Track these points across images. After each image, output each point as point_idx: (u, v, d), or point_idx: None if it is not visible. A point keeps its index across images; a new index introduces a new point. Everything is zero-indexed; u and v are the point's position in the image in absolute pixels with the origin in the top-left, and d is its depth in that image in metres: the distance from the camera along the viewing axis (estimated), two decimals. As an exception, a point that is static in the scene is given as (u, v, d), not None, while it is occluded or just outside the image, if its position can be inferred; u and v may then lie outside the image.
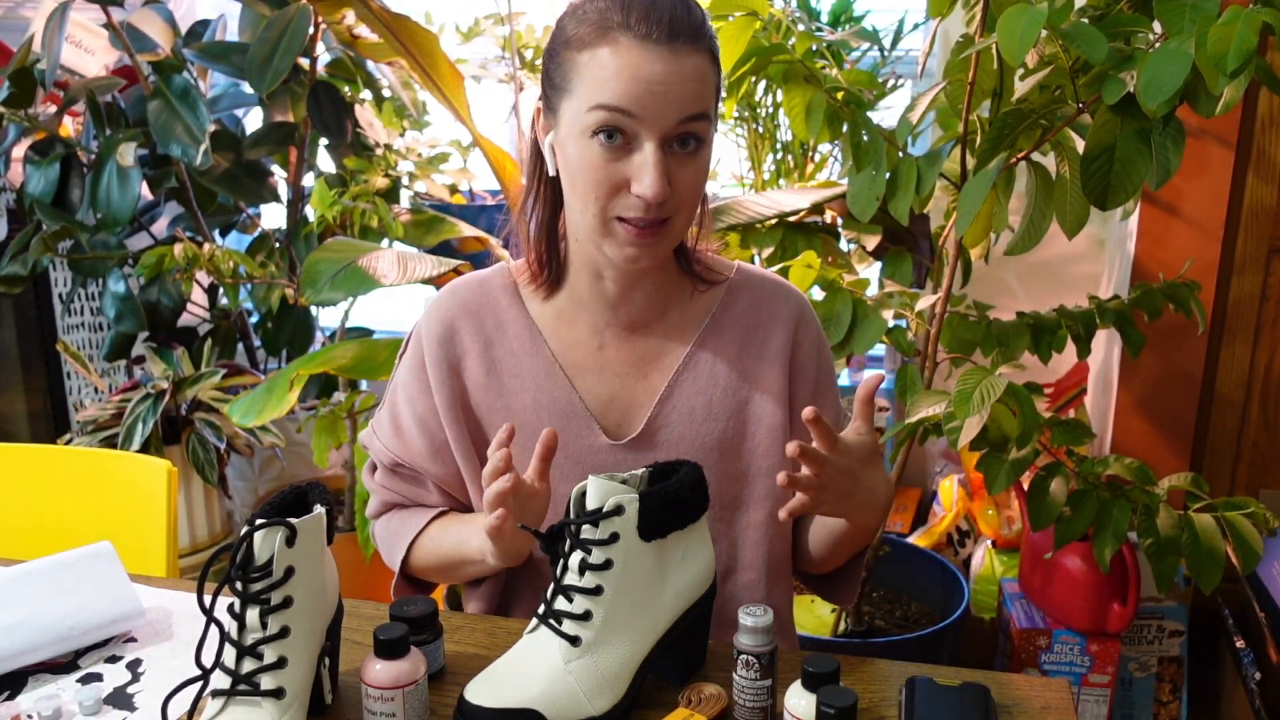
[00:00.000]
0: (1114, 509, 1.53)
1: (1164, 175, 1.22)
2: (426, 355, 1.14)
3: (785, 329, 1.15)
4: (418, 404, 1.15)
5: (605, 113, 0.96)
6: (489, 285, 1.17)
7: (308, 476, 2.61)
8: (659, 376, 1.14)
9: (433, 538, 1.16)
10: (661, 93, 0.95)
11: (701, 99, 0.98)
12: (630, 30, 0.95)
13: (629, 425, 1.14)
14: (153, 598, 1.16)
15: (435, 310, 1.16)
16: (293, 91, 2.38)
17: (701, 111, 0.98)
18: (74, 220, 2.28)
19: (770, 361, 1.14)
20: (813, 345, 1.17)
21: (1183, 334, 2.13)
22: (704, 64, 0.98)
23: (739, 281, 1.17)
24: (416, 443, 1.16)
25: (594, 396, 1.13)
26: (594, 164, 0.98)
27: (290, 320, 2.50)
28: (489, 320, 1.15)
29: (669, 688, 0.97)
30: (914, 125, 1.53)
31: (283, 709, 0.86)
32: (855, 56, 2.24)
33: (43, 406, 2.64)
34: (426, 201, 2.59)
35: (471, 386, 1.14)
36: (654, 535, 0.92)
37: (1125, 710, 2.02)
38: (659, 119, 0.96)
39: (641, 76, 0.95)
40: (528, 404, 1.13)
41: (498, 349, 1.14)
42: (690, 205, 1.02)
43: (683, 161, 0.99)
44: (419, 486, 1.19)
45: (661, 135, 0.97)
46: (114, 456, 1.51)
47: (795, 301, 1.17)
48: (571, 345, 1.14)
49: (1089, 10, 1.31)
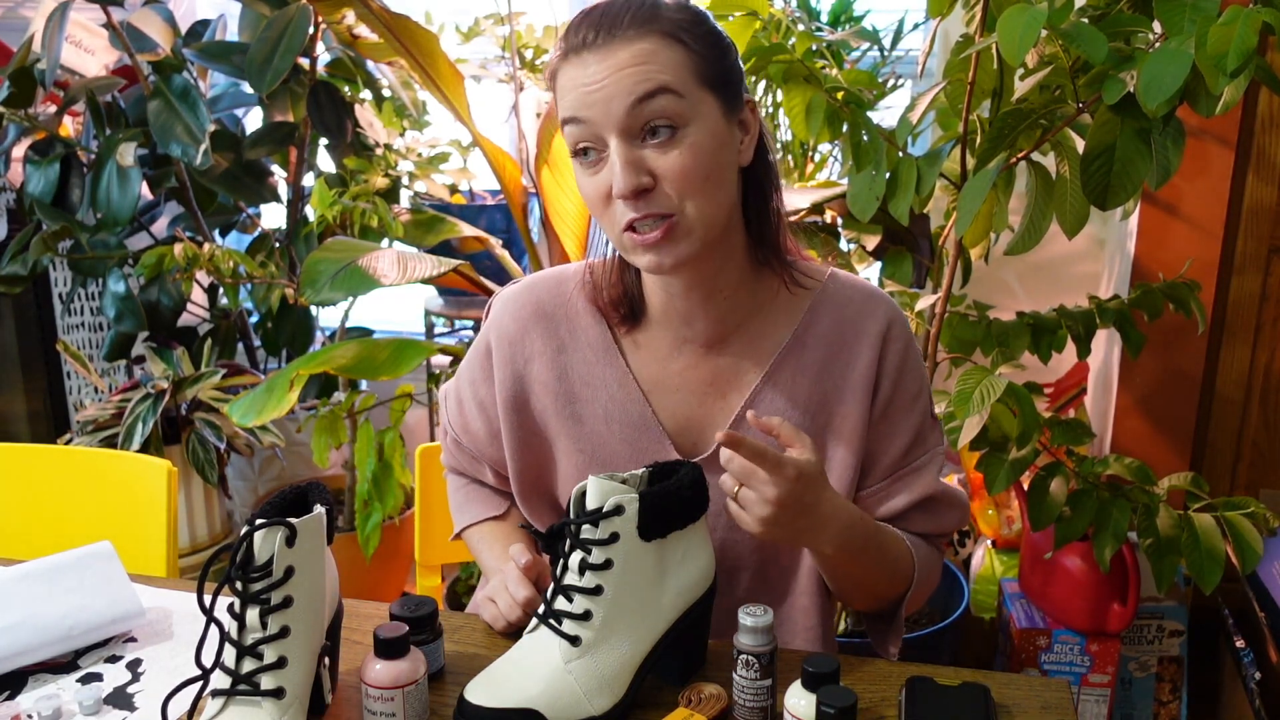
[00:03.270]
0: (1114, 509, 1.53)
1: (1164, 175, 1.22)
2: (494, 351, 1.14)
3: (871, 350, 1.08)
4: (479, 389, 1.17)
5: (569, 127, 0.97)
6: (566, 286, 1.14)
7: (308, 476, 2.61)
8: (736, 396, 1.09)
9: (476, 541, 1.24)
10: (598, 87, 0.94)
11: (651, 76, 0.93)
12: (576, 47, 0.96)
13: (703, 444, 1.11)
14: (153, 598, 1.16)
15: (509, 305, 1.15)
16: (293, 91, 2.38)
17: (655, 88, 0.93)
18: (74, 220, 2.28)
19: (852, 386, 1.08)
20: (895, 361, 1.09)
21: (1183, 334, 2.13)
22: (653, 45, 0.94)
23: (827, 293, 1.10)
24: (475, 424, 1.19)
25: (668, 413, 1.11)
26: (583, 184, 0.99)
27: (290, 320, 2.50)
28: (563, 325, 1.13)
29: (669, 688, 0.97)
30: (914, 125, 1.53)
31: (283, 709, 0.86)
32: (855, 56, 2.24)
33: (43, 406, 2.64)
34: (426, 201, 2.59)
35: (537, 389, 1.13)
36: (654, 535, 0.92)
37: (1125, 710, 2.02)
38: (607, 114, 0.94)
39: (584, 79, 0.95)
40: (598, 414, 1.11)
41: (571, 355, 1.12)
42: (696, 192, 0.96)
43: (660, 149, 0.95)
44: (478, 464, 1.23)
45: (618, 129, 0.94)
46: (114, 456, 1.51)
47: (884, 316, 1.09)
48: (649, 360, 1.11)
49: (1089, 10, 1.31)
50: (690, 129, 0.95)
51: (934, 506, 1.13)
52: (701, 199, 0.97)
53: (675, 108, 0.95)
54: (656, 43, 0.95)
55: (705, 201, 0.97)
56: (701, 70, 0.97)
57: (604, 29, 0.95)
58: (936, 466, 1.13)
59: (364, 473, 2.17)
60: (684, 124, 0.95)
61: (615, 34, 0.94)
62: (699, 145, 0.96)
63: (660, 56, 0.95)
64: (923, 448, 1.13)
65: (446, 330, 2.78)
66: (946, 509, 1.14)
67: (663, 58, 0.95)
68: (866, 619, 1.18)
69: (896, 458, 1.12)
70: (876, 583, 1.09)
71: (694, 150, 0.95)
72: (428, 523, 1.55)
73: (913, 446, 1.12)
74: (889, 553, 1.07)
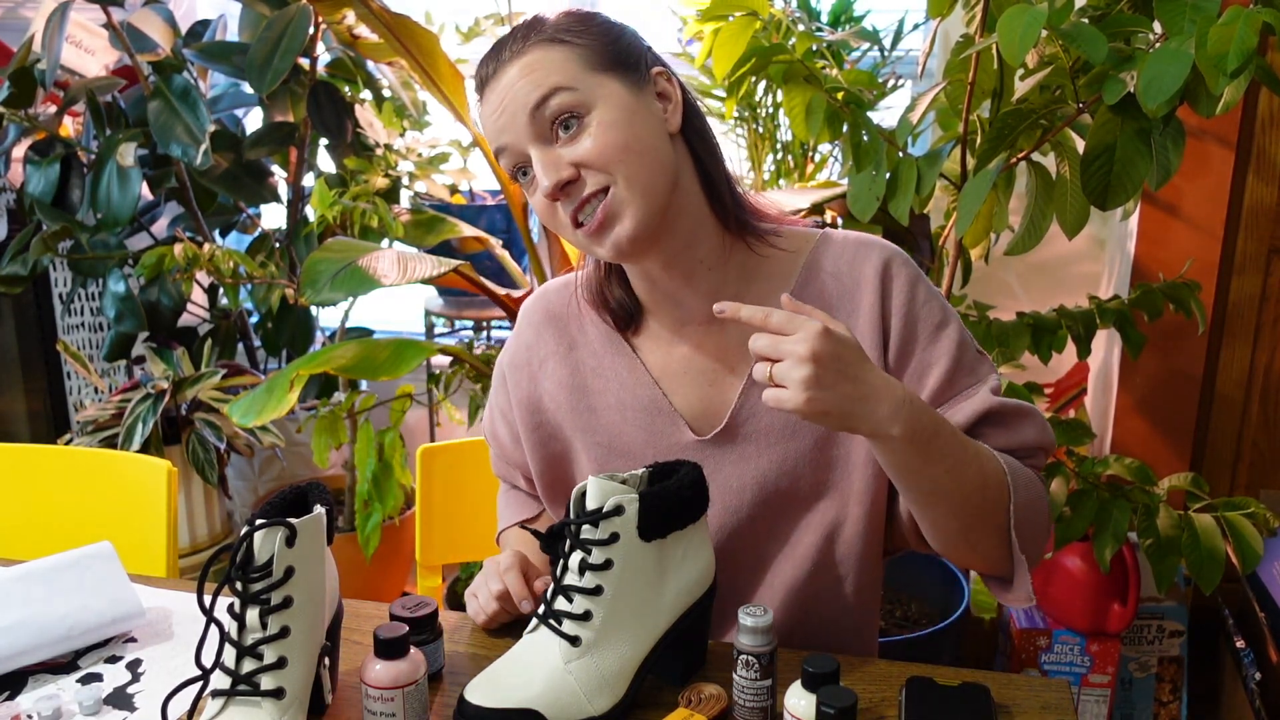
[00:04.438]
0: (1114, 509, 1.53)
1: (1164, 175, 1.22)
2: (512, 356, 1.19)
3: (872, 291, 1.05)
4: (499, 397, 1.22)
5: (500, 159, 1.02)
6: (574, 287, 1.18)
7: (308, 476, 2.61)
8: (744, 366, 1.08)
9: (506, 543, 1.28)
10: (501, 110, 0.99)
11: (539, 84, 0.97)
12: (480, 86, 1.03)
13: (717, 419, 1.10)
14: (153, 598, 1.16)
15: (526, 313, 1.20)
16: (293, 91, 2.38)
17: (545, 92, 0.97)
18: (74, 220, 2.28)
19: (861, 334, 1.05)
20: (901, 296, 1.05)
21: (1183, 334, 2.13)
22: (535, 55, 0.98)
23: (820, 250, 1.09)
24: (501, 431, 1.24)
25: (681, 396, 1.11)
26: (534, 206, 1.03)
27: (290, 320, 2.50)
28: (573, 323, 1.16)
29: (669, 688, 0.97)
30: (914, 125, 1.53)
31: (283, 709, 0.86)
32: (855, 56, 2.24)
33: (43, 406, 2.64)
34: (426, 201, 2.59)
35: (551, 387, 1.15)
36: (654, 535, 0.92)
37: (1125, 710, 2.02)
38: (515, 129, 0.99)
39: (487, 116, 1.01)
40: (611, 404, 1.13)
41: (581, 350, 1.15)
42: (618, 165, 0.97)
43: (572, 141, 0.98)
44: (510, 469, 1.28)
45: (531, 138, 0.98)
46: (114, 456, 1.51)
47: (879, 256, 1.06)
48: (654, 348, 1.12)
49: (1089, 10, 1.31)
50: (594, 114, 0.98)
51: (1003, 419, 1.04)
52: (627, 170, 0.98)
53: (571, 100, 0.97)
54: (539, 52, 0.99)
55: (632, 172, 0.98)
56: (590, 60, 0.99)
57: (494, 60, 1.01)
58: (992, 386, 1.05)
59: (364, 473, 2.17)
60: (586, 111, 0.98)
61: (503, 59, 1.00)
62: (606, 122, 0.97)
63: (544, 63, 0.98)
64: (971, 376, 1.05)
65: (446, 330, 2.78)
66: (1020, 420, 1.04)
67: (547, 63, 0.98)
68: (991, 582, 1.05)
69: (939, 388, 1.04)
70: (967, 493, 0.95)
71: (602, 128, 0.97)
72: (428, 523, 1.55)
73: (955, 375, 1.04)
74: (971, 450, 0.96)
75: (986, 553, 1.00)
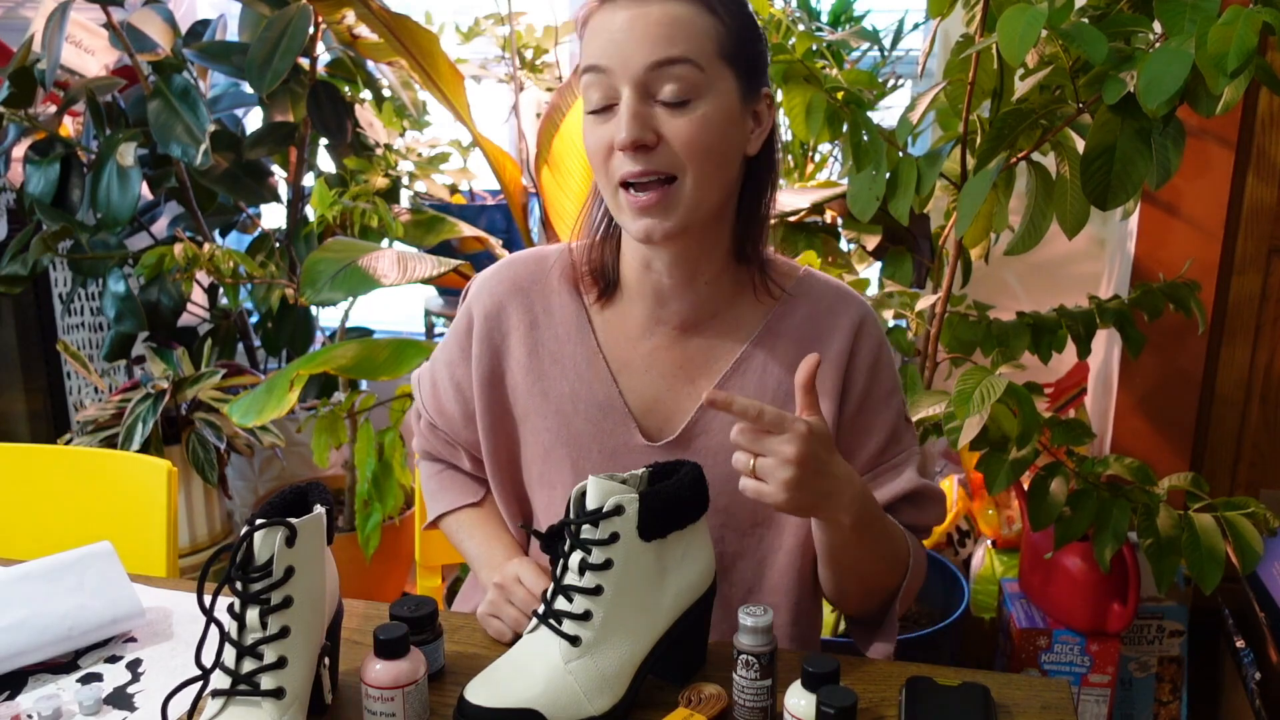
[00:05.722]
0: (1114, 509, 1.53)
1: (1164, 175, 1.22)
2: (475, 327, 1.14)
3: (843, 342, 1.09)
4: (456, 369, 1.17)
5: (587, 74, 0.97)
6: (545, 263, 1.15)
7: (308, 476, 2.61)
8: (705, 381, 1.09)
9: (456, 531, 1.21)
10: (622, 39, 0.95)
11: (676, 43, 0.94)
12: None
13: (669, 427, 1.10)
14: (153, 598, 1.16)
15: (489, 282, 1.15)
16: (293, 91, 2.38)
17: (677, 56, 0.94)
18: (74, 220, 2.28)
19: (824, 377, 1.08)
20: (868, 358, 1.10)
21: (1183, 334, 2.13)
22: (683, 11, 0.95)
23: (801, 288, 1.11)
24: (451, 407, 1.18)
25: (636, 395, 1.10)
26: (588, 136, 0.99)
27: (290, 320, 2.50)
28: (538, 301, 1.13)
29: (669, 688, 0.97)
30: (914, 125, 1.53)
31: (283, 709, 0.86)
32: (855, 56, 2.24)
33: (43, 406, 2.64)
34: (426, 201, 2.59)
35: (511, 365, 1.13)
36: (654, 535, 0.92)
37: (1125, 710, 2.02)
38: (625, 65, 0.95)
39: (609, 28, 0.96)
40: (565, 393, 1.11)
41: (543, 331, 1.12)
42: (698, 164, 0.97)
43: (671, 113, 0.95)
44: (453, 449, 1.23)
45: (632, 81, 0.95)
46: (114, 456, 1.51)
47: (856, 311, 1.10)
48: (619, 339, 1.11)
49: (1089, 10, 1.31)
50: (704, 101, 0.96)
51: (919, 500, 1.13)
52: (700, 172, 0.97)
53: (693, 78, 0.95)
54: (686, 9, 0.95)
55: (703, 175, 0.98)
56: (728, 44, 0.98)
57: None
58: (915, 464, 1.13)
59: (364, 473, 2.17)
60: (698, 95, 0.96)
61: None
62: (709, 118, 0.97)
63: (691, 25, 0.95)
64: (899, 446, 1.13)
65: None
66: (929, 503, 1.14)
67: (693, 26, 0.95)
68: (855, 625, 1.16)
69: (874, 454, 1.12)
70: (878, 567, 1.07)
71: (703, 121, 0.96)
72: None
73: (889, 444, 1.12)
74: (890, 532, 1.06)
75: (868, 610, 1.13)
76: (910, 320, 1.78)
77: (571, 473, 1.11)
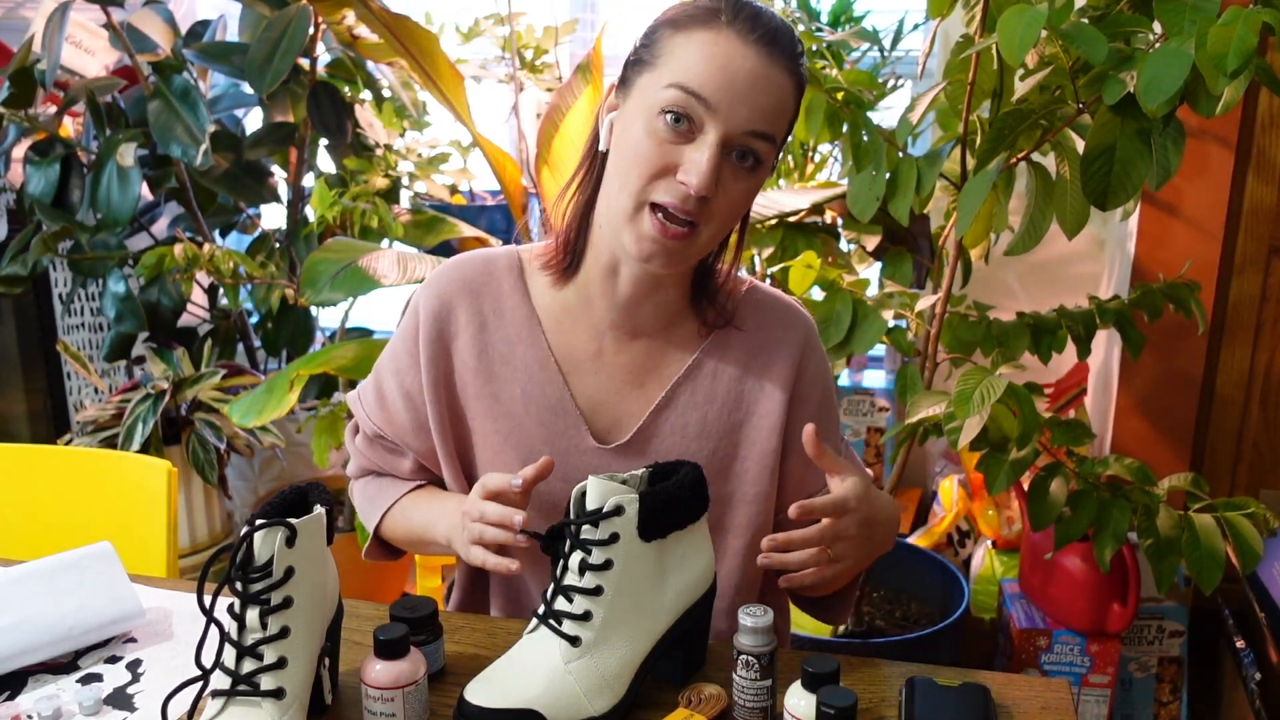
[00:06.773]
0: (1114, 509, 1.53)
1: (1164, 175, 1.22)
2: (421, 330, 1.12)
3: (791, 355, 1.12)
4: (405, 377, 1.14)
5: (681, 93, 0.95)
6: (494, 265, 1.14)
7: (308, 476, 2.61)
8: (655, 386, 1.11)
9: (405, 511, 1.17)
10: (743, 89, 0.94)
11: (774, 118, 0.97)
12: (733, 25, 0.95)
13: (619, 431, 1.11)
14: (153, 598, 1.16)
15: (435, 284, 1.14)
16: (293, 92, 2.38)
17: (769, 131, 0.97)
18: (74, 220, 2.28)
19: (772, 387, 1.11)
20: (817, 374, 1.14)
21: (1183, 334, 2.13)
22: (789, 86, 0.97)
23: (749, 301, 1.14)
24: (401, 416, 1.15)
25: (586, 397, 1.11)
26: (652, 140, 0.96)
27: (290, 320, 2.50)
28: (488, 302, 1.12)
29: (669, 688, 0.97)
30: (914, 125, 1.53)
31: (283, 709, 0.86)
32: (855, 56, 2.24)
33: (43, 406, 2.64)
34: (426, 201, 2.59)
35: (459, 367, 1.12)
36: (654, 535, 0.92)
37: (1125, 710, 2.02)
38: (730, 114, 0.94)
39: (730, 68, 0.94)
40: (515, 395, 1.11)
41: (492, 333, 1.12)
42: (723, 222, 1.00)
43: (736, 173, 0.97)
44: (397, 457, 1.19)
45: (727, 132, 0.94)
46: (114, 456, 1.51)
47: (804, 327, 1.14)
48: (570, 341, 1.11)
49: (1089, 10, 1.31)
50: (762, 171, 1.00)
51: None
52: (722, 228, 1.01)
53: (767, 153, 0.99)
54: (790, 86, 0.98)
55: (721, 231, 1.02)
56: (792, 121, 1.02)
57: (764, 32, 0.96)
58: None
59: (364, 473, 2.17)
60: (762, 165, 1.00)
61: (775, 46, 0.96)
62: (750, 190, 1.01)
63: (787, 104, 0.99)
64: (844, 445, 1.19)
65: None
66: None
67: (788, 105, 0.99)
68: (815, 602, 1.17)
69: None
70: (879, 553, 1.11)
71: (746, 192, 1.00)
72: (428, 523, 1.55)
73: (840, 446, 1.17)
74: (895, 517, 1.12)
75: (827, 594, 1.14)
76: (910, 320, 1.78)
77: None
